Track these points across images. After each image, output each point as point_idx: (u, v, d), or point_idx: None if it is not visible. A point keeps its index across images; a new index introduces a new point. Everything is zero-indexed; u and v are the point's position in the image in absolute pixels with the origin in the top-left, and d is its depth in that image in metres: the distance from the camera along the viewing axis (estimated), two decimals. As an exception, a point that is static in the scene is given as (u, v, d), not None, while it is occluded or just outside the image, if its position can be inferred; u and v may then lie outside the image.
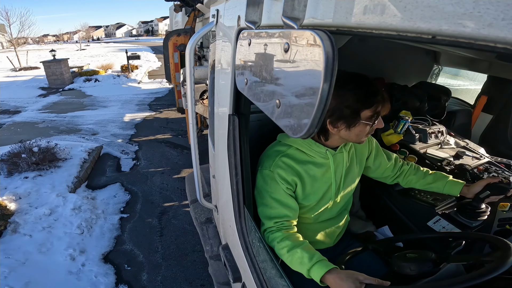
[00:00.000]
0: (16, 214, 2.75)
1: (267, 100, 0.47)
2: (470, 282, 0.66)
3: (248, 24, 0.58)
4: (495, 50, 0.25)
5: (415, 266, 0.83)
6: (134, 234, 2.75)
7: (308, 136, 0.38)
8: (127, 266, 2.39)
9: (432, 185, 1.19)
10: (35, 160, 3.45)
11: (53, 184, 3.24)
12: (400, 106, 1.81)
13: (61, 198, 3.00)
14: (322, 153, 0.99)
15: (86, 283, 2.17)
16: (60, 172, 3.48)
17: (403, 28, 0.32)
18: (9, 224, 2.62)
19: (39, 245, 2.44)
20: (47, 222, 2.69)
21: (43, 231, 2.60)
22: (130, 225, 2.87)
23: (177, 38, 3.38)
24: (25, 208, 2.86)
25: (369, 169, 1.21)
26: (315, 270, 0.82)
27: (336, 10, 0.41)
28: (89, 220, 2.81)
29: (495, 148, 1.87)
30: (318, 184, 1.02)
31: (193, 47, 0.96)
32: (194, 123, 1.08)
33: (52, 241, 2.52)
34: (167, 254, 2.52)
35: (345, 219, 1.21)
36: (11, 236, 2.53)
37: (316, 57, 0.34)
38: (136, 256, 2.50)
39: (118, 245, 2.61)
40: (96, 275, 2.24)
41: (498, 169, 1.53)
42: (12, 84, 10.26)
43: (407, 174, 1.23)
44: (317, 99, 0.34)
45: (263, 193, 0.98)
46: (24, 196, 3.02)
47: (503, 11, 0.23)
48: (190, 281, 2.24)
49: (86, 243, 2.55)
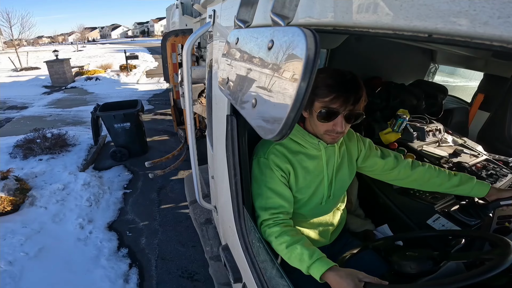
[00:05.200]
0: (33, 189, 3.09)
1: (244, 100, 0.45)
2: (470, 280, 0.66)
3: (238, 23, 0.58)
4: (491, 48, 0.25)
5: (415, 264, 0.83)
6: (135, 206, 3.11)
7: (281, 138, 0.35)
8: (129, 233, 2.73)
9: (458, 188, 1.11)
10: (48, 145, 3.85)
11: (65, 165, 3.66)
12: (397, 105, 1.82)
13: (73, 176, 3.40)
14: (314, 144, 0.99)
15: (92, 248, 2.47)
16: (70, 155, 3.90)
17: (399, 27, 0.32)
18: (27, 197, 2.95)
19: (53, 216, 2.79)
20: (60, 196, 3.06)
21: (56, 204, 2.95)
22: (132, 199, 3.24)
23: (175, 39, 3.38)
24: (40, 184, 3.22)
25: (366, 170, 1.19)
26: (315, 268, 0.82)
27: (333, 9, 0.41)
28: (97, 194, 3.18)
29: (493, 146, 1.88)
30: (311, 177, 1.02)
31: (190, 48, 0.96)
32: (192, 124, 1.08)
33: (65, 212, 2.87)
34: (163, 222, 2.88)
35: (339, 217, 1.20)
36: (28, 208, 2.85)
37: (297, 54, 0.32)
38: (137, 224, 2.84)
39: (121, 216, 2.97)
40: (101, 241, 2.56)
41: (496, 167, 1.53)
42: (15, 83, 10.62)
43: (428, 177, 1.13)
44: (292, 98, 0.32)
45: (259, 183, 0.98)
46: (40, 175, 3.39)
47: (499, 9, 0.23)
48: (183, 243, 2.60)
49: (93, 214, 2.90)
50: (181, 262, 2.40)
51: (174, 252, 2.50)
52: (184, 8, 4.99)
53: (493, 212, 1.13)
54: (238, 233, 1.00)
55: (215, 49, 1.05)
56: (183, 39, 3.36)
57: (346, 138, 1.12)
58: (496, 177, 1.43)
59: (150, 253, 2.49)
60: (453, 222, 1.19)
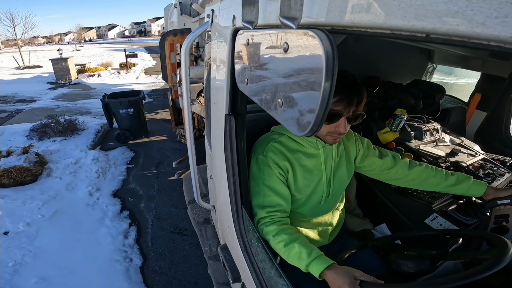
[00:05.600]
0: (49, 163, 3.60)
1: (269, 99, 0.47)
2: (467, 280, 0.66)
3: (245, 24, 0.58)
4: (489, 48, 0.25)
5: (413, 263, 0.84)
6: (136, 178, 3.63)
7: (312, 134, 0.38)
8: (130, 199, 3.18)
9: (455, 187, 1.12)
10: (60, 129, 4.49)
11: (76, 145, 4.23)
12: (395, 104, 1.82)
13: (84, 153, 3.92)
14: (313, 143, 1.00)
15: (98, 211, 2.91)
16: (80, 137, 4.52)
17: (397, 27, 0.32)
18: (44, 169, 3.43)
19: (66, 185, 3.25)
20: (73, 169, 3.56)
21: (69, 175, 3.42)
22: (134, 172, 3.76)
23: (173, 38, 3.37)
24: (56, 159, 3.76)
25: (364, 170, 1.20)
26: (314, 266, 0.83)
27: (331, 9, 0.41)
28: (104, 168, 3.67)
29: (490, 145, 1.89)
30: (309, 176, 1.03)
31: (188, 47, 0.96)
32: (190, 123, 1.07)
33: (76, 182, 3.35)
34: (160, 189, 3.36)
35: (338, 216, 1.21)
36: (45, 179, 3.33)
37: (316, 56, 0.34)
38: (137, 192, 3.33)
39: (125, 185, 3.45)
40: (107, 205, 3.00)
41: (493, 166, 1.54)
42: (21, 80, 11.18)
43: (425, 177, 1.14)
44: (319, 97, 0.34)
45: (257, 180, 0.99)
46: (55, 152, 3.94)
47: (496, 9, 0.23)
48: (176, 206, 3.05)
49: (101, 184, 3.39)
50: (173, 221, 2.82)
51: (168, 213, 2.93)
52: (182, 7, 4.98)
53: (490, 211, 1.13)
54: (236, 233, 1.00)
55: (213, 49, 1.05)
56: (181, 38, 3.35)
57: (345, 137, 1.12)
58: (494, 177, 1.44)
59: (147, 214, 2.92)
60: (450, 222, 1.19)
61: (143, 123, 4.72)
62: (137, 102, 4.39)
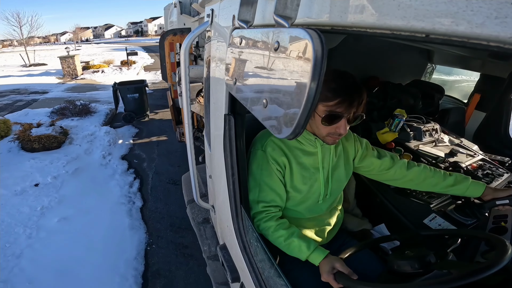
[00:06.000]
0: (70, 134, 4.62)
1: (255, 100, 0.46)
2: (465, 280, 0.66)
3: (240, 23, 0.58)
4: (488, 49, 0.25)
5: (412, 264, 0.84)
6: (140, 146, 4.63)
7: (294, 137, 0.37)
8: (135, 160, 4.12)
9: (453, 188, 1.13)
10: (76, 111, 5.64)
11: (91, 122, 5.34)
12: (394, 104, 1.82)
13: (97, 128, 4.99)
14: (311, 141, 1.01)
15: (110, 170, 3.77)
16: (93, 118, 5.64)
17: (396, 27, 0.32)
18: (67, 139, 4.44)
19: (85, 150, 4.19)
20: (89, 139, 4.54)
21: (87, 143, 4.40)
22: (138, 142, 4.78)
23: (173, 38, 3.36)
24: (75, 132, 4.78)
25: (362, 170, 1.20)
26: (314, 257, 0.91)
27: (331, 9, 0.41)
28: (114, 139, 4.68)
29: (489, 146, 1.90)
30: (307, 174, 1.03)
31: (188, 46, 0.95)
32: (189, 123, 1.07)
33: (93, 148, 4.30)
34: (160, 153, 4.33)
35: (337, 216, 1.21)
36: (68, 146, 4.30)
37: (305, 55, 0.33)
38: (141, 156, 4.28)
39: (131, 151, 4.43)
40: (116, 165, 3.88)
41: (492, 166, 1.55)
42: (30, 75, 12.14)
43: (423, 177, 1.14)
44: (304, 98, 0.33)
45: (255, 176, 1.01)
46: (74, 127, 4.97)
47: (496, 9, 0.23)
48: (171, 164, 3.97)
49: (112, 150, 4.35)
50: (169, 175, 3.66)
51: (165, 170, 3.81)
52: (182, 7, 4.97)
53: (489, 211, 1.13)
54: (235, 233, 1.00)
55: (213, 48, 1.05)
56: (181, 38, 3.34)
57: (344, 138, 1.12)
58: (492, 177, 1.44)
59: (148, 171, 3.79)
60: (449, 222, 1.20)
61: (145, 107, 5.74)
62: (141, 89, 5.47)
